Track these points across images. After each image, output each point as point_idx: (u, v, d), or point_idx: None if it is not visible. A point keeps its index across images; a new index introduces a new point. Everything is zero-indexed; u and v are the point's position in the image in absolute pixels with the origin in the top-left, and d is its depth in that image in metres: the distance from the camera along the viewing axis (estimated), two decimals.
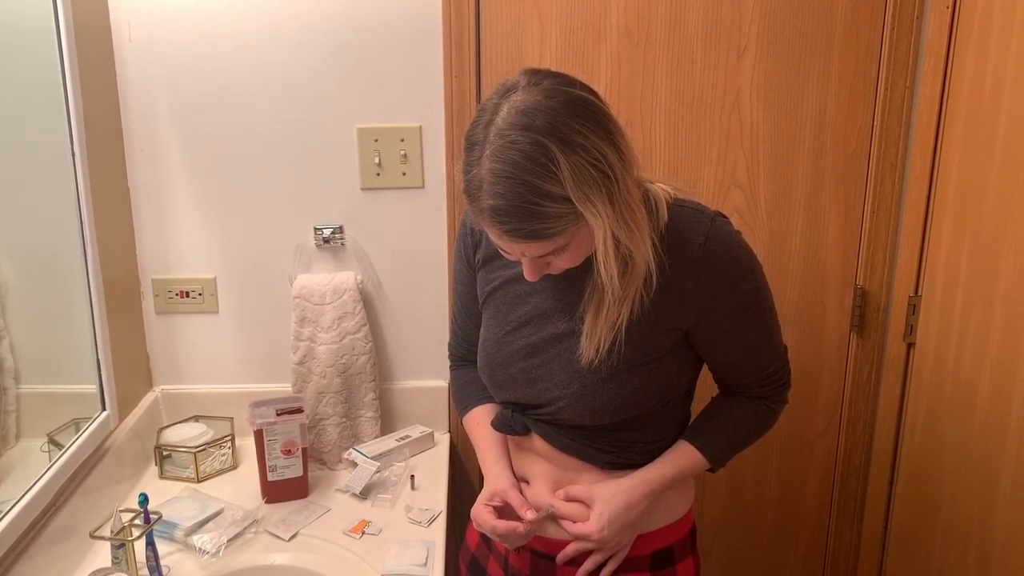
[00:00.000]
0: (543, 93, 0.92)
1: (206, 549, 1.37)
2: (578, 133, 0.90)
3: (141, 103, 1.63)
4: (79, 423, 1.41)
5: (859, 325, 1.79)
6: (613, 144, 0.93)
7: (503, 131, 0.91)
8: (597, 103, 0.96)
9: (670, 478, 1.15)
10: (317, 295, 1.68)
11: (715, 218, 1.07)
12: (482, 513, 1.16)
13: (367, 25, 1.61)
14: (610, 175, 0.92)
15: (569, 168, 0.89)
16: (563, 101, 0.92)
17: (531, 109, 0.91)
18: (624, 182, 0.95)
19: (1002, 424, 1.40)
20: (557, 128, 0.90)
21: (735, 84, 1.66)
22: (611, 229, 0.94)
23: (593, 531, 1.11)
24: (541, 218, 0.91)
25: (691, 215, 1.07)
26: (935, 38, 1.58)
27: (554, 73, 0.97)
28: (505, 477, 1.19)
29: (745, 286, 1.09)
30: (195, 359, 1.78)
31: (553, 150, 0.89)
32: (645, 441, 1.16)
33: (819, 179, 1.72)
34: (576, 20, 1.62)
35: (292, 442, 1.54)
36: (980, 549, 1.48)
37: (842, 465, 1.89)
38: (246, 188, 1.69)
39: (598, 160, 0.91)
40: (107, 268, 1.50)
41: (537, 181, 0.90)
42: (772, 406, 1.20)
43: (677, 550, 1.20)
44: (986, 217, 1.45)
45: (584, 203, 0.91)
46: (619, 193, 0.94)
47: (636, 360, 1.08)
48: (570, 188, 0.90)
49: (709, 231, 1.05)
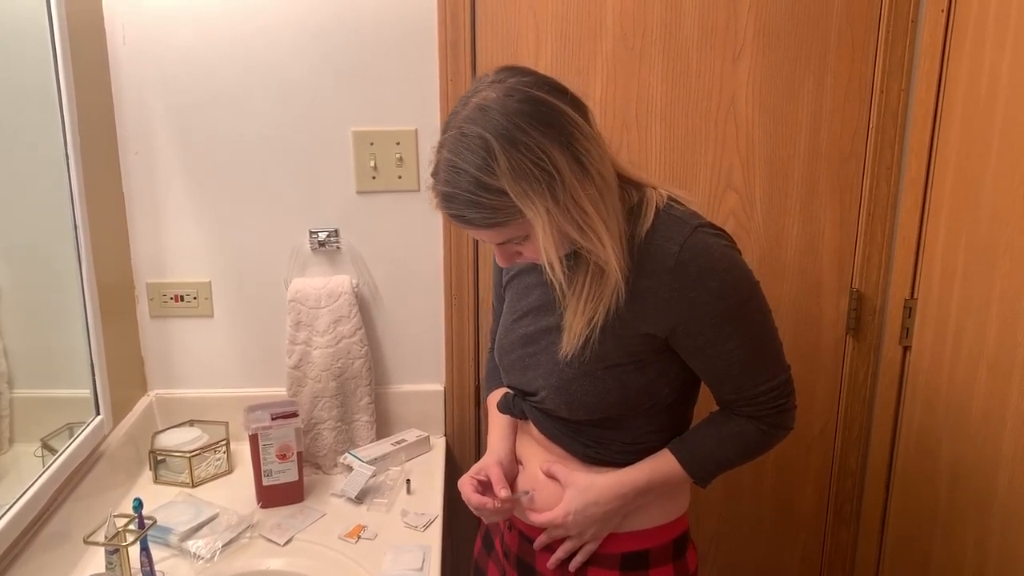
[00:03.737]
0: (503, 91, 0.97)
1: (201, 554, 1.37)
2: (523, 132, 0.95)
3: (135, 106, 1.63)
4: (73, 428, 1.40)
5: (855, 328, 1.79)
6: (566, 146, 0.97)
7: (461, 124, 0.98)
8: (558, 106, 0.98)
9: (645, 484, 1.14)
10: (312, 299, 1.67)
11: (697, 229, 1.05)
12: (465, 484, 1.22)
13: (363, 28, 1.61)
14: (554, 175, 0.96)
15: (508, 163, 0.95)
16: (518, 100, 0.96)
17: (487, 105, 0.96)
18: (572, 184, 0.98)
19: (998, 426, 1.41)
20: (503, 125, 0.95)
21: (731, 87, 1.66)
22: (552, 226, 0.99)
23: (558, 517, 1.15)
24: (481, 208, 0.98)
25: (673, 223, 1.06)
26: (930, 40, 1.58)
27: (525, 72, 1.01)
28: (495, 454, 1.25)
29: (724, 301, 1.05)
30: (190, 363, 1.78)
31: (494, 146, 0.95)
32: (624, 441, 1.16)
33: (815, 182, 1.72)
34: (571, 23, 1.62)
35: (287, 446, 1.53)
36: (976, 551, 1.48)
37: (838, 467, 1.89)
38: (241, 191, 1.68)
39: (541, 159, 0.95)
40: (101, 272, 1.49)
41: (477, 173, 0.96)
42: (764, 428, 1.14)
43: (653, 556, 1.19)
44: (982, 220, 1.45)
45: (521, 198, 0.96)
46: (565, 193, 0.97)
47: (611, 361, 1.09)
48: (507, 182, 0.95)
49: (686, 241, 1.04)
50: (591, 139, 1.00)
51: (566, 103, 0.98)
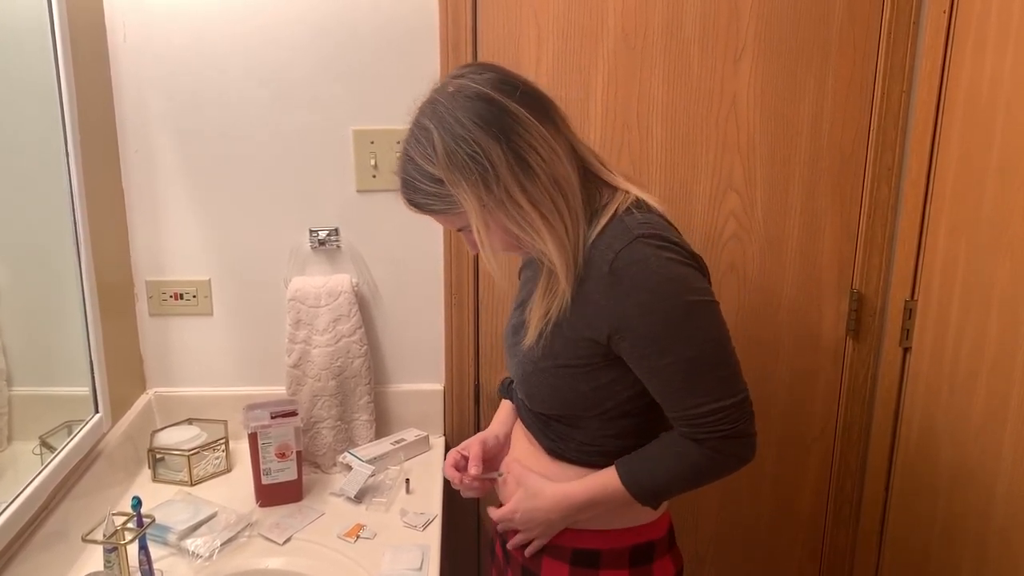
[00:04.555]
0: (456, 87, 1.03)
1: (199, 553, 1.36)
2: (462, 126, 1.00)
3: (136, 104, 1.63)
4: (71, 426, 1.40)
5: (855, 329, 1.79)
6: (504, 142, 1.00)
7: (417, 117, 1.05)
8: (502, 103, 1.01)
9: (586, 502, 1.13)
10: (312, 297, 1.67)
11: (637, 239, 1.02)
12: (448, 455, 1.30)
13: (363, 27, 1.61)
14: (488, 168, 1.00)
15: (445, 153, 1.01)
16: (465, 96, 1.01)
17: (437, 100, 1.03)
18: (508, 179, 1.01)
19: (998, 428, 1.40)
20: (446, 119, 1.01)
21: (732, 88, 1.66)
22: (485, 218, 1.04)
23: (507, 514, 1.21)
24: (425, 195, 1.05)
25: (618, 230, 1.04)
26: (932, 42, 1.58)
27: (485, 68, 1.05)
28: (484, 433, 1.32)
29: (655, 316, 1.02)
30: (189, 361, 1.77)
31: (435, 136, 1.01)
32: (581, 441, 1.16)
33: (815, 183, 1.72)
34: (573, 24, 1.62)
35: (286, 445, 1.53)
36: (976, 554, 1.48)
37: (838, 469, 1.89)
38: (241, 190, 1.68)
39: (476, 152, 1.00)
40: (101, 270, 1.49)
41: (420, 161, 1.03)
42: (708, 453, 1.07)
43: (605, 557, 1.18)
44: (983, 221, 1.45)
45: (455, 187, 1.02)
46: (499, 187, 1.01)
47: (561, 360, 1.10)
48: (443, 171, 1.02)
49: (622, 250, 1.02)
50: (539, 137, 1.02)
51: (515, 100, 1.01)
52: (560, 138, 1.05)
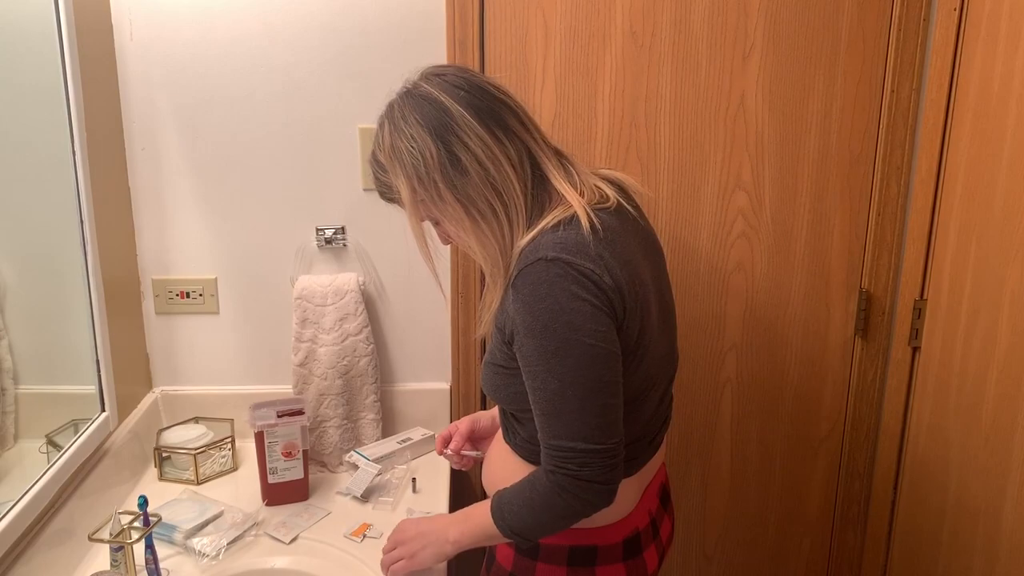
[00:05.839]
0: (411, 86, 1.12)
1: (205, 552, 1.36)
2: (407, 122, 1.08)
3: (142, 102, 1.63)
4: (78, 424, 1.40)
5: (864, 329, 1.78)
6: (439, 138, 1.06)
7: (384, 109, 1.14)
8: (443, 102, 1.07)
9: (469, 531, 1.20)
10: (319, 296, 1.67)
11: (538, 261, 1.02)
12: (446, 428, 1.40)
13: (370, 25, 1.60)
14: (422, 163, 1.07)
15: (389, 143, 1.10)
16: (412, 96, 1.10)
17: (395, 99, 1.13)
18: (437, 172, 1.07)
19: (1009, 429, 1.39)
20: (395, 114, 1.11)
21: (740, 86, 1.65)
22: (416, 205, 1.12)
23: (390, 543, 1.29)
24: (380, 183, 1.16)
25: (533, 246, 1.04)
26: (942, 40, 1.57)
27: (440, 71, 1.12)
28: (481, 412, 1.42)
29: (532, 339, 1.02)
30: (195, 360, 1.77)
31: (385, 129, 1.12)
32: (524, 436, 1.17)
33: (824, 182, 1.71)
34: (580, 22, 1.61)
35: (293, 444, 1.53)
36: (985, 555, 1.47)
37: (846, 469, 1.88)
38: (247, 188, 1.68)
39: (412, 148, 1.08)
40: (107, 268, 1.49)
41: (375, 150, 1.15)
42: (553, 487, 1.06)
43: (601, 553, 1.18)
44: (993, 220, 1.44)
45: (392, 173, 1.11)
46: (428, 178, 1.08)
47: (496, 359, 1.14)
48: (386, 159, 1.12)
49: (523, 268, 1.03)
50: (477, 139, 1.07)
51: (458, 101, 1.07)
52: (510, 142, 1.08)
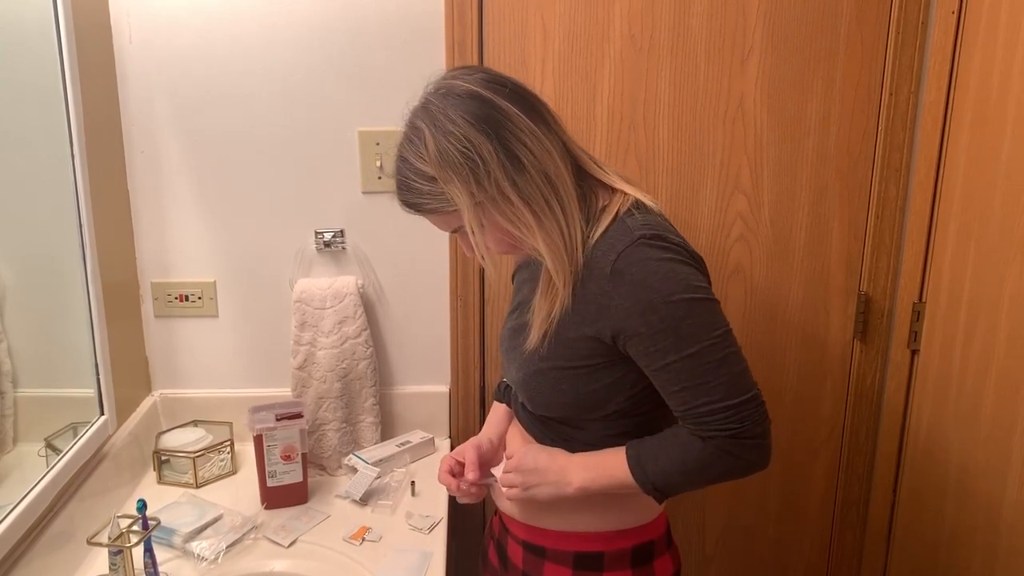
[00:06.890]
0: (445, 87, 1.04)
1: (204, 556, 1.36)
2: (452, 122, 1.00)
3: (141, 105, 1.63)
4: (77, 427, 1.39)
5: (862, 331, 1.78)
6: (494, 137, 1.00)
7: (410, 119, 1.06)
8: (491, 99, 1.02)
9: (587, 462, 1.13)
10: (318, 299, 1.67)
11: (639, 240, 1.03)
12: (442, 462, 1.28)
13: (369, 28, 1.61)
14: (478, 163, 1.00)
15: (436, 150, 1.01)
16: (455, 95, 1.02)
17: (429, 100, 1.04)
18: (499, 175, 1.01)
19: (1008, 431, 1.39)
20: (436, 117, 1.02)
21: (739, 89, 1.65)
22: (479, 214, 1.04)
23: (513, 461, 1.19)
24: (419, 193, 1.05)
25: (620, 231, 1.04)
26: (940, 43, 1.57)
27: (473, 70, 1.06)
28: (478, 438, 1.30)
29: (656, 314, 1.01)
30: (194, 363, 1.77)
31: (426, 134, 1.02)
32: (585, 442, 1.16)
33: (823, 184, 1.71)
34: (579, 24, 1.61)
35: (292, 447, 1.53)
36: (985, 558, 1.47)
37: (845, 472, 1.88)
38: (247, 191, 1.68)
39: (467, 148, 1.00)
40: (106, 271, 1.49)
41: (413, 160, 1.04)
42: (712, 451, 1.06)
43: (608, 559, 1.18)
44: (992, 222, 1.44)
45: (447, 183, 1.02)
46: (490, 182, 1.01)
47: (563, 362, 1.10)
48: (435, 168, 1.02)
49: (624, 251, 1.02)
50: (529, 133, 1.02)
51: (504, 97, 1.02)
52: (552, 136, 1.06)
